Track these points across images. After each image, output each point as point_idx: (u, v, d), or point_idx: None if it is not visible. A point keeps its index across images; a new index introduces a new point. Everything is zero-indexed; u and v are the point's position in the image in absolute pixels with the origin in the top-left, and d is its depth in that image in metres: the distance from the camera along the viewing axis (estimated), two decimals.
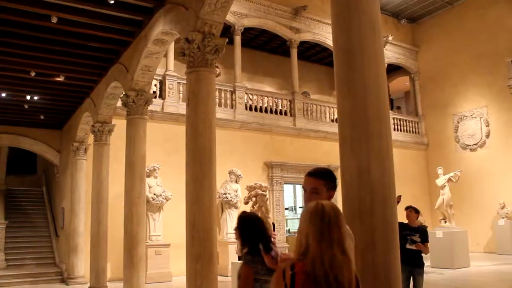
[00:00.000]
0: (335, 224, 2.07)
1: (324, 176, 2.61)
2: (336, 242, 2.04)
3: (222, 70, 18.43)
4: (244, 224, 3.88)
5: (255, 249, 3.68)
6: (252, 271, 3.59)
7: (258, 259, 3.63)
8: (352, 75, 3.53)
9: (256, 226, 3.85)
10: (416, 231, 7.42)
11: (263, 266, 3.62)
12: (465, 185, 18.24)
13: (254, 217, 4.00)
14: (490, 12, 19.38)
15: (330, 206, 2.12)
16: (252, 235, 3.76)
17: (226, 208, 14.57)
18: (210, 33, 6.59)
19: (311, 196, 2.55)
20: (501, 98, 18.90)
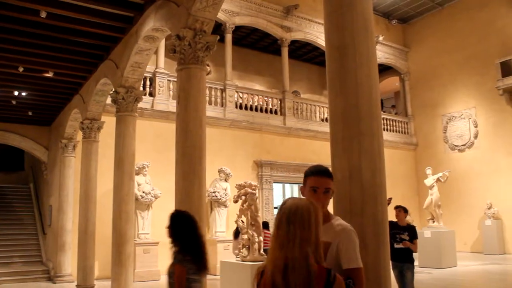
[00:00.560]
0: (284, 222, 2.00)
1: (332, 175, 2.56)
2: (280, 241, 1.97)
3: (213, 68, 18.37)
4: (175, 223, 3.86)
5: (185, 247, 3.70)
6: (185, 269, 3.60)
7: (188, 258, 3.64)
8: (344, 73, 3.52)
9: (188, 225, 3.84)
10: (405, 229, 7.61)
11: (193, 265, 3.64)
12: (453, 185, 18.37)
13: (186, 216, 3.98)
14: (480, 14, 19.52)
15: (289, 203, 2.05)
16: (183, 233, 3.77)
17: (215, 206, 14.52)
18: (202, 30, 6.55)
19: (323, 196, 2.48)
20: (489, 99, 19.05)
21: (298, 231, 1.96)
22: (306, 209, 2.00)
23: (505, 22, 18.78)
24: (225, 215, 14.55)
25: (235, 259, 8.80)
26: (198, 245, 3.78)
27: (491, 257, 16.71)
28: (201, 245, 3.82)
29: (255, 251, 8.23)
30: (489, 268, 14.40)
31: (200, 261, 3.73)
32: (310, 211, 2.00)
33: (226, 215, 14.54)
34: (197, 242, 3.79)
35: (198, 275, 3.71)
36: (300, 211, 1.99)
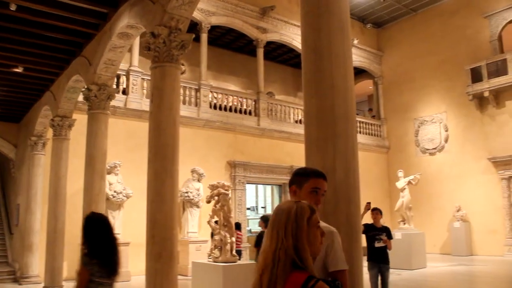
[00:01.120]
0: (269, 227, 1.94)
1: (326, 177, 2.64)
2: (263, 245, 1.91)
3: (188, 68, 18.23)
4: (87, 225, 3.89)
5: (94, 251, 3.71)
6: (88, 273, 3.62)
7: (95, 261, 3.65)
8: (320, 74, 3.51)
9: (99, 228, 3.85)
10: (382, 230, 8.07)
11: (100, 269, 3.65)
12: (424, 188, 18.68)
13: (99, 219, 3.98)
14: (452, 20, 19.93)
15: (278, 207, 1.98)
16: (94, 237, 3.78)
17: (187, 207, 14.41)
18: (177, 28, 6.48)
19: (322, 198, 2.58)
20: (460, 104, 19.45)
21: (275, 235, 1.89)
22: (286, 212, 1.91)
23: (476, 29, 19.22)
24: (197, 216, 14.46)
25: (207, 260, 8.75)
26: (108, 249, 3.78)
27: (459, 259, 17.05)
28: (112, 249, 3.82)
29: (227, 252, 8.20)
30: (457, 269, 14.68)
31: (109, 265, 3.75)
32: (290, 213, 1.90)
33: (198, 216, 14.45)
34: (108, 246, 3.79)
35: (106, 279, 3.73)
36: (280, 214, 1.92)
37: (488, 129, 18.63)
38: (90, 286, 3.66)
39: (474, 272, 14.36)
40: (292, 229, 1.87)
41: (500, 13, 18.58)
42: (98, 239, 3.77)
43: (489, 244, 17.91)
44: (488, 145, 18.49)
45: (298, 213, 1.91)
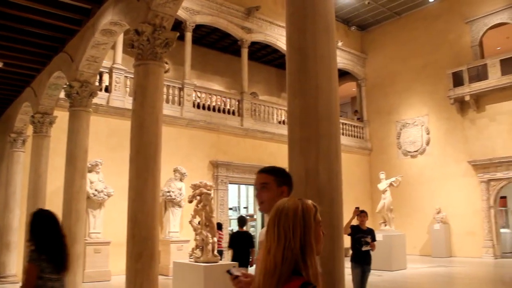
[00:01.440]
0: (270, 225, 1.85)
1: (273, 171, 2.57)
2: (267, 244, 1.81)
3: (171, 66, 18.15)
4: (34, 221, 3.88)
5: (42, 247, 3.70)
6: (36, 269, 3.62)
7: (44, 257, 3.66)
8: (304, 75, 3.50)
9: (47, 224, 3.84)
10: (367, 233, 8.28)
11: (49, 264, 3.67)
12: (405, 190, 18.86)
13: (47, 215, 3.98)
14: (435, 25, 20.17)
15: (279, 204, 1.87)
16: (41, 232, 3.77)
17: (169, 206, 14.32)
18: (161, 25, 6.42)
19: (261, 191, 2.52)
20: (441, 107, 19.68)
21: (282, 233, 1.80)
22: (293, 209, 1.83)
23: (458, 34, 19.49)
24: (179, 215, 14.38)
25: (188, 260, 8.70)
26: (56, 245, 3.79)
27: (439, 260, 17.24)
28: (61, 244, 3.84)
29: (209, 252, 8.16)
30: (436, 270, 14.84)
31: (58, 261, 3.76)
32: (297, 211, 1.82)
33: (180, 215, 14.37)
34: (56, 242, 3.80)
35: (56, 274, 3.74)
36: (286, 212, 1.83)
37: (469, 132, 18.89)
38: (39, 282, 3.64)
39: (453, 274, 14.54)
40: (300, 228, 1.81)
41: (481, 19, 18.85)
42: (46, 235, 3.75)
43: (468, 246, 18.15)
44: (468, 149, 18.74)
45: (305, 210, 1.85)
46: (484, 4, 18.87)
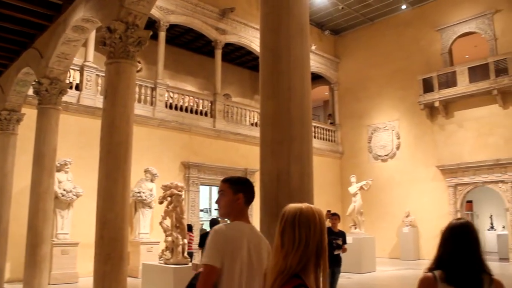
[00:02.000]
0: (289, 228, 1.91)
1: (229, 180, 2.80)
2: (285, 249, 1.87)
3: (144, 66, 17.94)
4: None
5: None
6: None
7: None
8: (277, 76, 3.49)
9: None
10: (338, 235, 8.48)
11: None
12: (375, 193, 19.10)
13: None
14: (406, 31, 20.53)
15: (292, 208, 1.97)
16: None
17: (139, 207, 14.14)
18: (134, 24, 6.34)
19: (219, 198, 2.79)
20: (412, 113, 20.02)
21: (303, 235, 1.87)
22: (311, 213, 1.92)
23: (428, 41, 19.87)
24: (149, 217, 14.21)
25: (158, 262, 8.60)
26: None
27: (407, 263, 17.49)
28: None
29: (179, 254, 8.08)
30: (404, 273, 15.06)
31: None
32: (314, 215, 1.92)
33: (150, 217, 14.20)
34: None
35: None
36: (305, 215, 1.91)
37: (438, 138, 19.26)
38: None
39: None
40: (318, 233, 1.89)
41: (451, 27, 19.29)
42: None
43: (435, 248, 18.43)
44: (437, 154, 19.11)
45: (321, 216, 1.93)
46: (453, 13, 19.31)
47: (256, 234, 2.75)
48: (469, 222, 2.50)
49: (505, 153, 17.11)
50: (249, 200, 2.78)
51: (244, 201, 2.74)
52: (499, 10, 18.05)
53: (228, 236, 2.63)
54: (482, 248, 2.39)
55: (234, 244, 2.61)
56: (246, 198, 2.75)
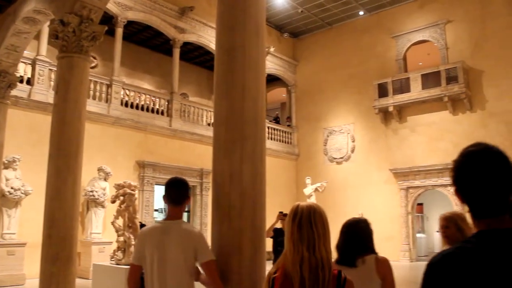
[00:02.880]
0: (305, 223, 2.21)
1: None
2: (306, 241, 2.17)
3: (100, 62, 17.57)
4: None
5: None
6: None
7: None
8: (232, 75, 3.47)
9: None
10: None
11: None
12: (330, 195, 19.37)
13: None
14: (363, 37, 20.97)
15: (305, 206, 2.29)
16: None
17: (92, 206, 13.80)
18: (89, 18, 6.18)
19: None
20: (367, 117, 20.45)
21: (321, 231, 2.24)
22: (322, 210, 2.33)
23: (384, 48, 20.37)
24: (102, 216, 13.89)
25: (109, 262, 8.42)
26: None
27: None
28: None
29: (131, 254, 7.93)
30: None
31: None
32: (311, 212, 2.28)
33: (103, 216, 13.89)
34: None
35: None
36: (319, 212, 2.30)
37: (391, 142, 19.75)
38: None
39: None
40: (327, 226, 2.32)
41: (406, 35, 19.84)
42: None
43: (387, 249, 18.69)
44: (390, 157, 19.58)
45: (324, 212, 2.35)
46: (408, 22, 19.87)
47: (176, 231, 3.00)
48: (360, 219, 3.31)
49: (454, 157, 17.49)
50: (168, 199, 3.21)
51: (166, 201, 3.22)
52: (451, 20, 18.71)
53: (146, 235, 3.05)
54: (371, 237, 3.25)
55: (148, 242, 2.98)
56: (166, 198, 3.24)
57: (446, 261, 1.34)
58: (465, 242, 1.38)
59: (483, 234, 1.36)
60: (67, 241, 5.64)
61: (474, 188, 1.38)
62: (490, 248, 1.30)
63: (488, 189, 1.35)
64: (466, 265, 1.29)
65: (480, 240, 1.34)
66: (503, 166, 1.36)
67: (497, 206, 1.35)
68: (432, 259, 1.38)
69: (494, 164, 1.36)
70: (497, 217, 1.35)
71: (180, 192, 3.28)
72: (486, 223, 1.36)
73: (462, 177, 1.42)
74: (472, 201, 1.40)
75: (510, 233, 1.33)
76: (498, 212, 1.35)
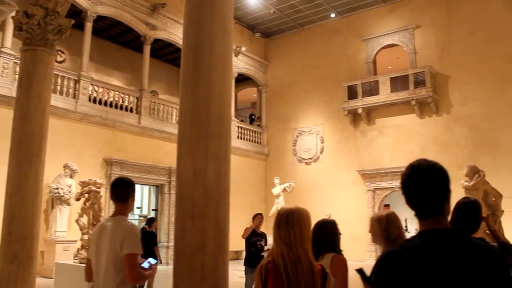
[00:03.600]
0: (283, 226, 2.65)
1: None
2: (284, 240, 2.61)
3: (68, 57, 17.20)
4: None
5: None
6: None
7: None
8: (198, 72, 3.44)
9: None
10: (262, 236, 8.38)
11: None
12: (298, 195, 19.44)
13: None
14: (334, 39, 21.18)
15: (286, 210, 2.76)
16: None
17: (57, 204, 13.50)
18: (55, 10, 6.03)
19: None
20: (336, 118, 20.65)
21: (297, 232, 2.63)
22: (301, 213, 2.74)
23: (354, 51, 20.63)
24: (67, 214, 13.61)
25: (73, 261, 8.26)
26: None
27: None
28: None
29: None
30: None
31: None
32: (304, 215, 2.73)
33: (68, 214, 13.61)
34: None
35: None
36: (297, 216, 2.70)
37: (359, 143, 20.01)
38: None
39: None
40: (304, 227, 2.71)
41: (376, 38, 20.14)
42: None
43: (353, 250, 19.06)
44: (358, 158, 19.83)
45: (308, 215, 2.82)
46: (378, 25, 20.18)
47: (112, 226, 3.25)
48: (328, 220, 3.88)
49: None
50: (113, 197, 3.48)
51: (112, 199, 3.50)
52: (419, 26, 19.08)
53: (94, 231, 3.42)
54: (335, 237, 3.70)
55: (93, 238, 3.36)
56: (111, 196, 3.51)
57: (391, 258, 1.67)
58: (407, 241, 1.74)
59: (423, 233, 1.70)
60: (27, 239, 5.49)
61: (416, 195, 1.74)
62: (428, 245, 1.63)
63: (426, 196, 1.71)
64: (408, 260, 1.60)
65: (421, 239, 1.67)
66: (438, 178, 1.72)
67: (433, 209, 1.71)
68: (380, 256, 1.72)
69: (431, 177, 1.72)
70: (433, 217, 1.70)
71: (124, 190, 3.50)
72: (426, 224, 1.71)
73: (407, 187, 1.76)
74: (415, 206, 1.75)
75: (445, 233, 1.67)
76: (434, 213, 1.71)
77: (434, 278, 1.55)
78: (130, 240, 3.13)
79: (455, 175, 11.29)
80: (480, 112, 17.15)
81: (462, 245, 1.63)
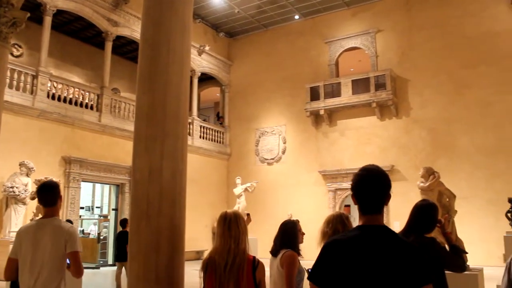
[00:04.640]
0: (233, 224, 3.02)
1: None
2: (233, 237, 2.99)
3: (26, 51, 16.71)
4: None
5: None
6: None
7: None
8: (155, 70, 3.41)
9: None
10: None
11: None
12: (260, 195, 19.54)
13: None
14: (298, 41, 21.37)
15: (231, 212, 3.12)
16: None
17: (12, 203, 13.07)
18: (9, 3, 5.86)
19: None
20: (298, 119, 20.82)
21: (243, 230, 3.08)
22: (233, 216, 3.09)
23: (317, 52, 20.86)
24: (23, 213, 13.20)
25: None
26: None
27: None
28: None
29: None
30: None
31: None
32: (237, 217, 3.09)
33: (24, 214, 13.22)
34: None
35: None
36: (240, 217, 3.10)
37: (321, 144, 20.23)
38: None
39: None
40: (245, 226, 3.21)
41: (338, 41, 20.42)
42: None
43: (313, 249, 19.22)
44: (320, 159, 20.06)
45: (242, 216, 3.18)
46: (341, 28, 20.47)
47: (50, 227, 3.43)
48: (289, 221, 4.30)
49: (380, 161, 18.33)
50: (42, 202, 3.57)
51: (40, 204, 3.61)
52: (381, 30, 19.47)
53: (22, 232, 3.54)
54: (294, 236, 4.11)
55: (24, 238, 3.46)
56: (40, 201, 3.61)
57: (334, 243, 2.05)
58: (349, 232, 2.23)
59: (362, 227, 2.08)
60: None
61: (363, 194, 2.11)
62: (364, 237, 2.01)
63: (370, 196, 2.10)
64: (347, 246, 1.99)
65: (359, 231, 2.06)
66: (382, 183, 2.10)
67: (374, 207, 2.10)
68: (326, 242, 2.09)
69: (378, 181, 2.10)
70: (372, 215, 2.09)
71: (52, 195, 3.59)
72: (364, 219, 2.10)
73: (357, 186, 2.13)
74: (360, 202, 2.12)
75: (379, 229, 2.05)
76: (374, 211, 2.10)
77: (364, 264, 1.93)
78: (73, 239, 3.41)
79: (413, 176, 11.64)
80: (438, 116, 17.65)
81: (390, 240, 2.02)
